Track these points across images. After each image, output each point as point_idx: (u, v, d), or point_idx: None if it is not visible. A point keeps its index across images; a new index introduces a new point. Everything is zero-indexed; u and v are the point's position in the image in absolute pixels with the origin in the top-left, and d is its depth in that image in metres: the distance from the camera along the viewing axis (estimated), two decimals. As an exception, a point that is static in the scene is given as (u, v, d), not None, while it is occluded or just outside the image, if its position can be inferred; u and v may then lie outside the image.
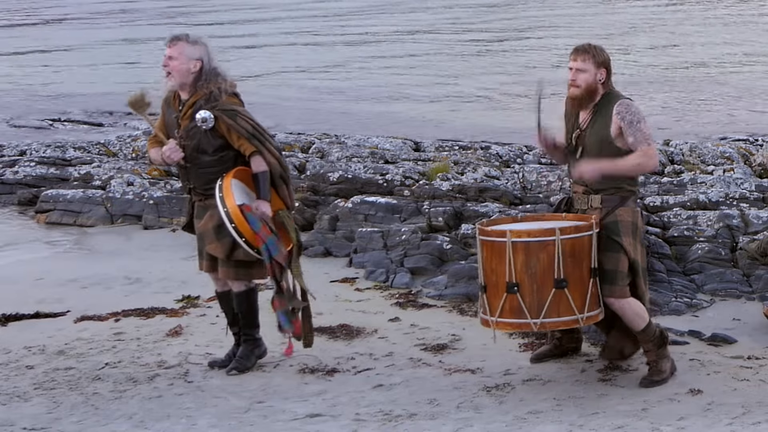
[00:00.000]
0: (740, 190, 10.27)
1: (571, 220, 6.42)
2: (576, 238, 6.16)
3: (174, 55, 6.55)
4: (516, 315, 6.21)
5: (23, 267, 9.31)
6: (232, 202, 6.41)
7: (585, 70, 6.38)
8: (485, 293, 6.32)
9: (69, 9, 41.44)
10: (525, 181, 11.29)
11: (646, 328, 6.40)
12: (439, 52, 26.20)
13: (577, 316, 6.22)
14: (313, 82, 22.25)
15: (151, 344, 7.24)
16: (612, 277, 6.29)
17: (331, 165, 11.79)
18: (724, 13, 34.17)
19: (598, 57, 6.40)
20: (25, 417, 6.12)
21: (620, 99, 6.40)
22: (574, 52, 6.44)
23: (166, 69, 6.59)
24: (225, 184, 6.48)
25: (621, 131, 6.33)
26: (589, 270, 6.22)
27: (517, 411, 6.08)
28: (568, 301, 6.17)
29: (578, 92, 6.41)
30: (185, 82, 6.58)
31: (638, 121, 6.33)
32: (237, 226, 6.39)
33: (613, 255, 6.30)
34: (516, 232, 6.17)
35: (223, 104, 6.55)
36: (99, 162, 12.71)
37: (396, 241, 9.20)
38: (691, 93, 19.59)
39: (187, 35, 6.63)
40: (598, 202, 6.41)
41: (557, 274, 6.13)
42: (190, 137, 6.59)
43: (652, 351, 6.45)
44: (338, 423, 5.99)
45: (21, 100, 20.72)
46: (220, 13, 37.18)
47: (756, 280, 8.27)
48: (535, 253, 6.12)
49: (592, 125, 6.41)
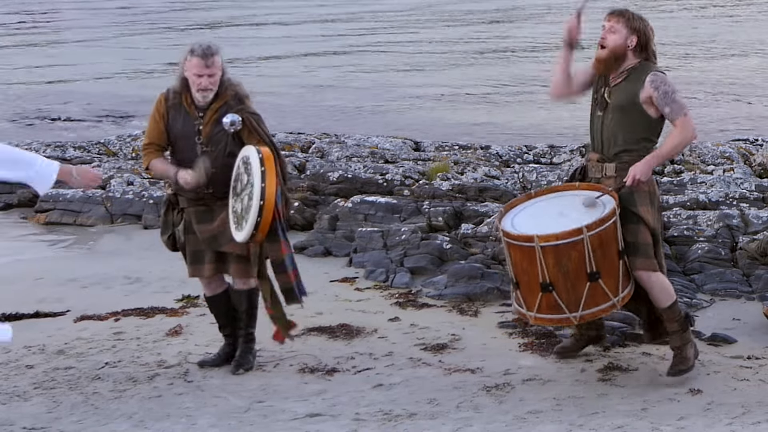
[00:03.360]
0: (740, 190, 10.27)
1: (584, 189, 6.37)
2: (602, 230, 6.13)
3: (214, 72, 6.44)
4: (554, 311, 6.23)
5: (23, 266, 9.31)
6: (274, 187, 6.24)
7: (616, 31, 6.31)
8: (518, 289, 6.31)
9: (69, 7, 41.44)
10: (525, 180, 11.29)
11: (672, 305, 6.35)
12: (440, 51, 26.18)
13: (613, 300, 6.23)
14: (313, 81, 22.24)
15: (151, 344, 7.24)
16: (635, 250, 6.25)
17: (331, 165, 11.79)
18: (724, 13, 34.14)
19: (632, 22, 6.32)
20: (25, 416, 6.12)
21: (654, 70, 6.33)
22: (611, 12, 6.36)
23: (209, 89, 6.46)
24: (267, 156, 6.26)
25: (651, 100, 6.27)
26: (617, 253, 6.20)
27: (517, 411, 6.08)
28: (603, 289, 6.18)
29: (604, 53, 6.32)
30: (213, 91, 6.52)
31: (673, 92, 6.29)
32: (264, 206, 6.22)
33: (633, 227, 6.26)
34: (544, 237, 6.10)
35: (248, 107, 6.53)
36: (99, 161, 12.71)
37: (396, 240, 9.20)
38: (691, 93, 19.58)
39: (211, 47, 6.47)
40: (613, 170, 6.36)
41: (590, 268, 6.13)
42: (214, 142, 6.51)
43: (677, 333, 6.38)
44: (338, 423, 5.99)
45: (20, 99, 20.72)
46: (219, 11, 37.18)
47: (756, 280, 8.28)
48: (566, 253, 6.10)
49: (620, 88, 6.34)
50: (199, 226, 6.63)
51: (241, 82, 6.64)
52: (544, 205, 6.45)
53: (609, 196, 6.25)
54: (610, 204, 6.21)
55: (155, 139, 6.64)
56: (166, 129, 6.60)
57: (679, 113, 6.27)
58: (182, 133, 6.56)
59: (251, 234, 6.29)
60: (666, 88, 6.29)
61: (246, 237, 6.33)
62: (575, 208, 6.28)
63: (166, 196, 6.79)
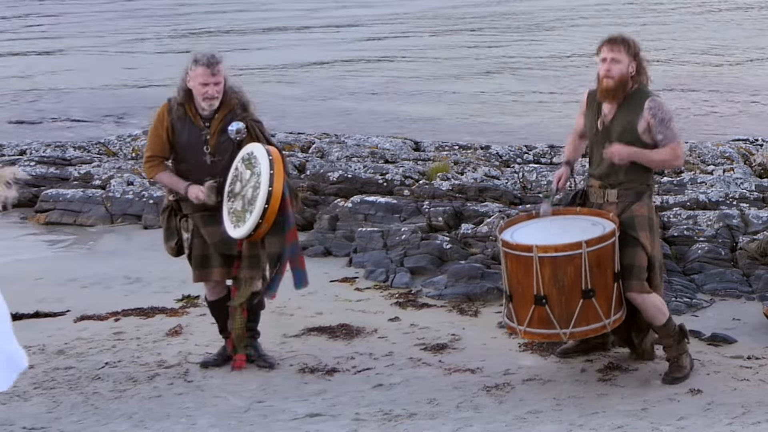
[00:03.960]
0: (740, 190, 10.28)
1: (585, 214, 6.41)
2: (601, 248, 6.14)
3: (219, 80, 6.45)
4: (545, 326, 6.22)
5: (23, 266, 9.31)
6: (281, 189, 6.26)
7: (620, 60, 6.32)
8: (511, 302, 6.31)
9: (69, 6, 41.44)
10: (525, 180, 11.30)
11: (666, 323, 6.41)
12: (439, 51, 26.18)
13: (604, 321, 6.23)
14: (313, 80, 22.24)
15: (151, 344, 7.24)
16: (630, 272, 6.28)
17: (331, 165, 11.79)
18: (724, 13, 34.13)
19: (632, 48, 6.35)
20: (25, 416, 6.12)
21: (651, 96, 6.37)
22: (609, 42, 6.36)
23: (215, 98, 6.47)
24: (277, 157, 6.28)
25: (649, 127, 6.31)
26: (613, 275, 6.23)
27: (516, 411, 6.08)
28: (596, 309, 6.19)
29: (612, 84, 6.34)
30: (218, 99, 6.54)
31: (669, 120, 6.33)
32: (268, 209, 6.24)
33: (631, 250, 6.29)
34: (543, 248, 6.12)
35: (251, 114, 6.55)
36: (99, 161, 12.71)
37: (396, 240, 9.20)
38: (691, 92, 19.58)
39: (215, 56, 6.47)
40: (615, 197, 6.40)
41: (584, 285, 6.13)
42: (221, 151, 6.52)
43: (673, 347, 6.44)
44: (338, 423, 5.99)
45: (20, 98, 20.72)
46: (221, 12, 37.17)
47: (756, 280, 8.27)
48: (563, 267, 6.10)
49: (619, 117, 6.37)
50: (206, 229, 6.61)
51: (243, 88, 6.64)
52: (546, 224, 6.46)
53: (610, 220, 6.27)
54: (610, 226, 6.23)
55: (158, 151, 6.63)
56: (169, 141, 6.59)
57: (672, 141, 6.33)
58: (189, 143, 6.56)
59: (256, 224, 6.27)
60: (662, 115, 6.33)
61: (251, 227, 6.29)
62: (580, 228, 6.29)
63: (167, 202, 6.76)
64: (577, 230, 6.27)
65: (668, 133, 6.31)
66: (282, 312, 7.78)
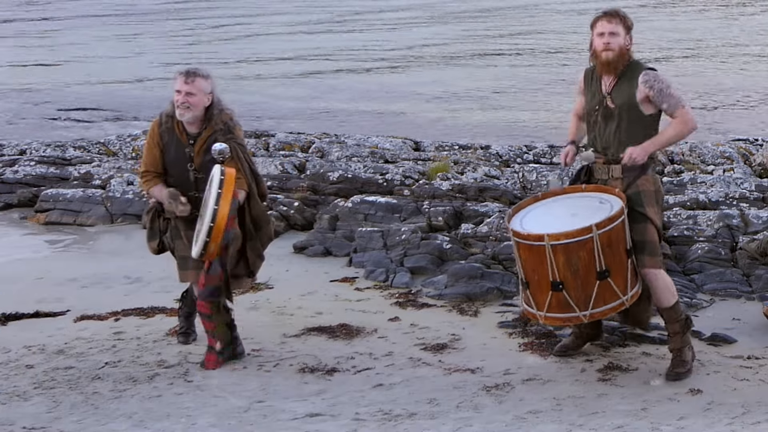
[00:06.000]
0: (740, 190, 10.28)
1: (591, 191, 6.43)
2: (611, 229, 6.16)
3: (193, 91, 6.63)
4: (564, 309, 6.26)
5: (23, 266, 9.31)
6: (227, 209, 6.38)
7: (617, 33, 6.37)
8: (528, 289, 6.35)
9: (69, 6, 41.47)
10: (525, 180, 11.30)
11: (675, 305, 6.41)
12: (440, 50, 26.20)
13: (622, 298, 6.27)
14: (313, 80, 22.24)
15: (151, 344, 7.24)
16: (642, 248, 6.31)
17: (331, 164, 11.79)
18: (724, 13, 34.17)
19: (627, 21, 6.42)
20: (25, 416, 6.11)
21: (645, 68, 6.41)
22: (606, 15, 6.40)
23: (184, 105, 6.64)
24: (228, 179, 6.41)
25: (648, 99, 6.34)
26: (625, 251, 6.25)
27: (516, 411, 6.08)
28: (612, 288, 6.22)
29: (612, 55, 6.37)
30: (198, 116, 6.69)
31: (668, 87, 6.35)
32: (213, 228, 6.37)
33: (640, 226, 6.32)
34: (554, 236, 6.13)
35: (236, 137, 6.70)
36: (99, 161, 12.71)
37: (396, 240, 9.20)
38: (691, 92, 19.59)
39: (198, 70, 6.70)
40: (619, 172, 6.42)
41: (599, 266, 6.16)
42: (205, 170, 6.66)
43: (678, 335, 6.44)
44: (338, 422, 5.99)
45: (21, 99, 20.72)
46: (221, 9, 37.19)
47: (756, 280, 8.28)
48: (576, 252, 6.13)
49: (618, 90, 6.40)
50: (187, 233, 6.82)
51: (234, 111, 6.83)
52: (553, 207, 6.48)
53: (616, 196, 6.29)
54: (618, 204, 6.24)
55: (151, 166, 6.85)
56: (161, 155, 6.80)
57: (677, 106, 6.36)
58: (175, 159, 6.77)
59: (204, 242, 6.43)
60: (660, 85, 6.35)
61: (201, 246, 6.47)
62: (587, 207, 6.31)
63: (152, 204, 6.97)
64: (585, 211, 6.28)
65: (671, 101, 6.33)
66: (282, 312, 7.79)
